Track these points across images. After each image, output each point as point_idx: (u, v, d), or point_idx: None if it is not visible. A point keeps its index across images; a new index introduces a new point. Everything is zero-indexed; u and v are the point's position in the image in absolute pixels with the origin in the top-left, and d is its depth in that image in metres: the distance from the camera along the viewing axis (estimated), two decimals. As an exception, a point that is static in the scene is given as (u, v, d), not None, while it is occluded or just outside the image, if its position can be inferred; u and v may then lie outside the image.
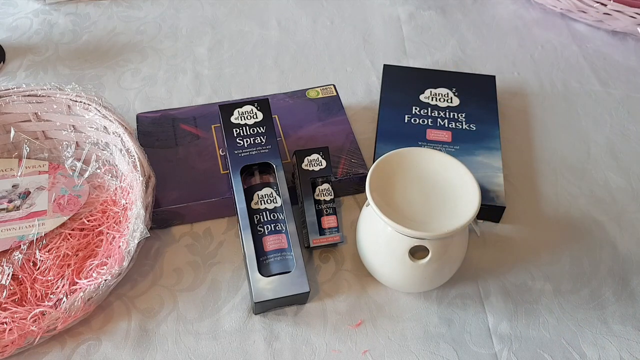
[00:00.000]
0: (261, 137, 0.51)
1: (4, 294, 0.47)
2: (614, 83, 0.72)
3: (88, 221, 0.52)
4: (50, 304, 0.46)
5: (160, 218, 0.53)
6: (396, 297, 0.50)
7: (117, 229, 0.51)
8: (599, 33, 0.79)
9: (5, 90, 0.54)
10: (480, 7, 0.83)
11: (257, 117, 0.52)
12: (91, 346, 0.46)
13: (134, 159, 0.50)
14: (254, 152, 0.51)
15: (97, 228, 0.52)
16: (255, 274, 0.46)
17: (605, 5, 0.73)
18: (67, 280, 0.48)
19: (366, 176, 0.45)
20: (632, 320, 0.49)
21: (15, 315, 0.45)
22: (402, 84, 0.65)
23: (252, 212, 0.50)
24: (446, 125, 0.61)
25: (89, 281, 0.46)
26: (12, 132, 0.55)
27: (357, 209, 0.57)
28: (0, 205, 0.53)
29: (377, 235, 0.46)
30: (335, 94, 0.64)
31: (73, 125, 0.56)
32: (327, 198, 0.53)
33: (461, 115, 0.62)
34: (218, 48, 0.74)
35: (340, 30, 0.78)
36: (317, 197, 0.53)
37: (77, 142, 0.57)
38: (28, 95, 0.54)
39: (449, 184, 0.45)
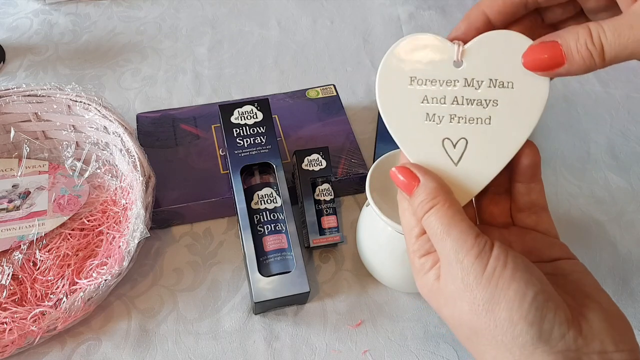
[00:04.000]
0: (261, 137, 0.51)
1: (4, 294, 0.47)
2: (614, 83, 0.72)
3: (88, 221, 0.52)
4: (50, 304, 0.46)
5: (160, 218, 0.53)
6: (396, 297, 0.50)
7: (117, 229, 0.51)
8: (599, 33, 0.79)
9: (5, 90, 0.54)
10: (480, 7, 0.83)
11: (257, 117, 0.52)
12: (91, 346, 0.46)
13: (134, 159, 0.50)
14: (254, 152, 0.51)
15: (97, 228, 0.52)
16: (255, 274, 0.46)
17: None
18: (67, 280, 0.48)
19: (366, 176, 0.45)
20: (632, 320, 0.49)
21: (15, 315, 0.45)
22: (402, 84, 0.65)
23: (252, 212, 0.50)
24: (446, 125, 0.61)
25: (89, 281, 0.46)
26: (12, 132, 0.55)
27: (357, 209, 0.57)
28: (0, 205, 0.53)
29: (377, 235, 0.46)
30: (335, 94, 0.64)
31: (73, 125, 0.56)
32: (327, 198, 0.53)
33: (461, 115, 0.62)
34: (218, 48, 0.74)
35: (340, 30, 0.78)
36: (317, 197, 0.53)
37: (77, 142, 0.57)
38: (28, 95, 0.54)
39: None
